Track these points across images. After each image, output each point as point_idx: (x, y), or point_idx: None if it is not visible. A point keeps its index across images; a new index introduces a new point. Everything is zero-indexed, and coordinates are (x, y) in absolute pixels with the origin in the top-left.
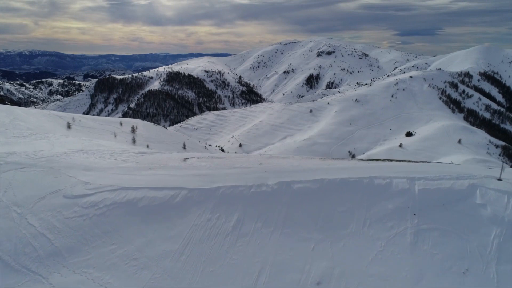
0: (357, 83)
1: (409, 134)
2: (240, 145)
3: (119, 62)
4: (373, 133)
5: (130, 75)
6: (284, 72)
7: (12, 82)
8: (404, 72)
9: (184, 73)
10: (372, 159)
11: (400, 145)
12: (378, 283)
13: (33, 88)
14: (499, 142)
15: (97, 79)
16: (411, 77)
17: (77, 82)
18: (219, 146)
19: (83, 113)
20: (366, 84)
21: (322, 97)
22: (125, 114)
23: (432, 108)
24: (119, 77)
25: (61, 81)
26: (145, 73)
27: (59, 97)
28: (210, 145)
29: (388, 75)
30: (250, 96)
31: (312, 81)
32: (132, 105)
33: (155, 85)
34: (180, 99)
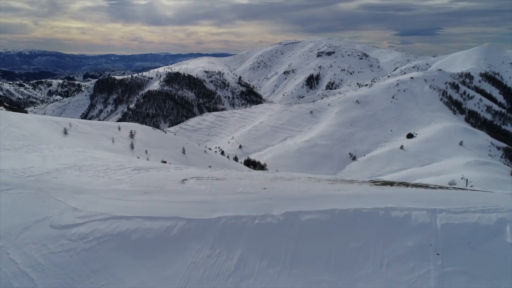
0: (358, 84)
1: (410, 136)
2: (240, 147)
3: (119, 62)
4: (374, 135)
5: (130, 76)
6: (284, 73)
7: (12, 82)
8: (405, 73)
9: (184, 74)
10: (386, 183)
11: (401, 147)
12: None
13: (33, 89)
14: (501, 144)
15: (97, 80)
16: (412, 78)
17: (77, 83)
18: (219, 148)
19: (82, 114)
20: (367, 85)
21: (322, 98)
22: (125, 115)
23: (433, 110)
24: (119, 78)
25: (61, 81)
26: (145, 74)
27: (59, 98)
28: (210, 149)
29: (389, 76)
30: (250, 97)
31: (312, 82)
32: (132, 106)
33: (155, 86)
34: (180, 100)
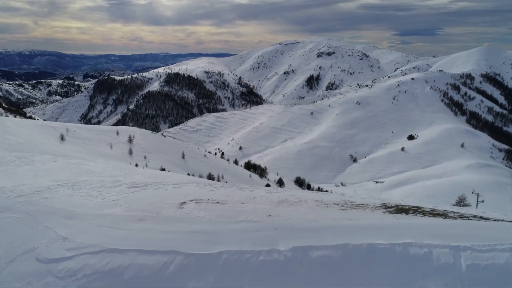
0: (358, 85)
1: (411, 137)
2: (240, 148)
3: (119, 62)
4: (375, 136)
5: (130, 76)
6: (284, 73)
7: (11, 83)
8: (405, 74)
9: (184, 74)
10: (400, 209)
11: (402, 149)
12: None
13: (32, 89)
14: (503, 146)
15: (96, 80)
16: (413, 79)
17: (76, 83)
18: (219, 149)
19: (82, 114)
20: (367, 86)
21: (323, 99)
22: (124, 116)
23: (434, 111)
24: (119, 78)
25: (60, 82)
26: (145, 74)
27: (58, 98)
28: (210, 152)
29: (389, 77)
30: (250, 97)
31: (313, 82)
32: (131, 107)
33: (155, 86)
34: (180, 100)
